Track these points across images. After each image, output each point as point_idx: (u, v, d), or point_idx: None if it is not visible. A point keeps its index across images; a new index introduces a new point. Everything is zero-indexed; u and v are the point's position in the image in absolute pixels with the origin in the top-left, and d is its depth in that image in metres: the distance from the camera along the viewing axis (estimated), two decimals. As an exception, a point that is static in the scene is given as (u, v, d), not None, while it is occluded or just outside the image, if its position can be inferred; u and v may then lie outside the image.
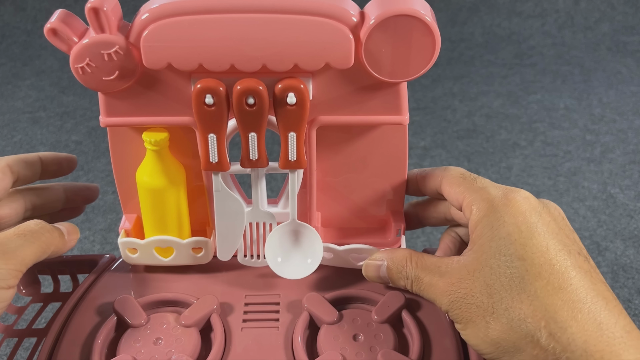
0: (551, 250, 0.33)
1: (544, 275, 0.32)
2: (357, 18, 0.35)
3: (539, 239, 0.33)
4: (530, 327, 0.31)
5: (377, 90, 0.39)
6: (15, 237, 0.38)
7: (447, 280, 0.35)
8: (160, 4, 0.35)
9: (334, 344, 0.38)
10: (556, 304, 0.31)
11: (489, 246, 0.34)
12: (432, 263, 0.37)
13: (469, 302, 0.34)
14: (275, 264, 0.42)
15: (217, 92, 0.36)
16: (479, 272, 0.34)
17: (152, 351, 0.38)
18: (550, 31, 1.72)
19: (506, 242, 0.34)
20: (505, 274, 0.33)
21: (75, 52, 0.36)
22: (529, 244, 0.33)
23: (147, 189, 0.42)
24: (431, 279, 0.36)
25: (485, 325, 0.33)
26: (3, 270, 0.35)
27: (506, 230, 0.34)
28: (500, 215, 0.35)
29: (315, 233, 0.42)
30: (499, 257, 0.33)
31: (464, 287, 0.34)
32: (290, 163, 0.39)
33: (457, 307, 0.34)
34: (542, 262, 0.32)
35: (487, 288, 0.33)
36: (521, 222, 0.34)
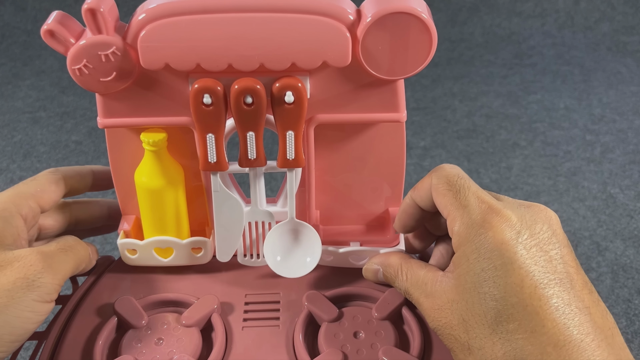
0: (525, 288, 0.31)
1: (516, 317, 0.31)
2: (354, 16, 0.35)
3: (513, 277, 0.32)
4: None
5: (375, 88, 0.39)
6: (58, 251, 0.39)
7: (431, 303, 0.35)
8: (157, 4, 0.34)
9: (334, 341, 0.39)
10: (526, 349, 0.30)
11: (464, 280, 0.33)
12: (420, 278, 0.37)
13: (449, 333, 0.34)
14: (274, 263, 0.42)
15: (215, 91, 0.36)
16: (457, 303, 0.33)
17: (153, 351, 0.38)
18: (550, 31, 1.72)
19: (480, 278, 0.32)
20: (479, 311, 0.32)
21: (72, 54, 0.36)
22: (502, 283, 0.32)
23: (145, 190, 0.42)
24: (418, 297, 0.37)
25: (464, 358, 0.33)
26: (49, 285, 0.36)
27: (480, 266, 0.33)
28: (476, 247, 0.33)
29: (314, 232, 0.42)
30: (474, 294, 0.32)
31: (444, 316, 0.34)
32: (288, 162, 0.39)
33: (440, 334, 0.35)
34: (515, 302, 0.31)
35: (464, 323, 0.33)
36: (496, 257, 0.32)
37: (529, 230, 0.33)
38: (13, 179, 1.13)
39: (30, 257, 0.36)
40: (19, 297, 0.35)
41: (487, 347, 0.31)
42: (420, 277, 0.37)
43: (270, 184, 1.04)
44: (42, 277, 0.36)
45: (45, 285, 0.36)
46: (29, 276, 0.35)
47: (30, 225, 0.40)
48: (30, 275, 0.35)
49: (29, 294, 0.35)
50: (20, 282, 0.35)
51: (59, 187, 0.43)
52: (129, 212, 0.46)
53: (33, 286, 0.35)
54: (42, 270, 0.36)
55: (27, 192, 0.41)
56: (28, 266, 0.36)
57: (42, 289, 0.36)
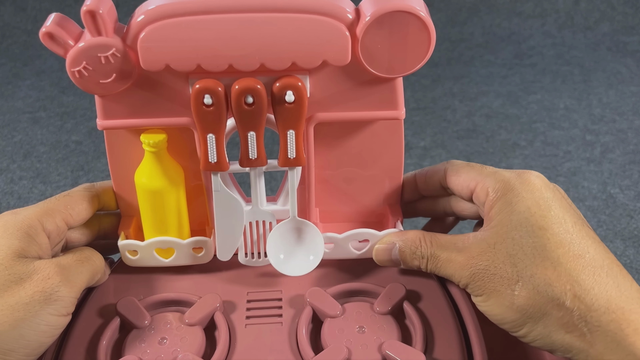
0: (568, 221, 0.35)
1: (565, 244, 0.34)
2: (353, 15, 0.35)
3: (556, 211, 0.36)
4: (556, 290, 0.33)
5: (374, 86, 0.39)
6: (75, 263, 0.39)
7: (467, 254, 0.37)
8: (156, 6, 0.34)
9: (338, 337, 0.39)
10: (578, 269, 0.33)
11: (509, 220, 0.36)
12: (447, 241, 0.39)
13: (492, 273, 0.35)
14: (278, 262, 0.42)
15: (216, 92, 0.36)
16: (500, 244, 0.36)
17: (157, 351, 0.38)
18: (550, 31, 1.72)
19: (526, 214, 0.36)
20: (527, 244, 0.35)
21: (71, 56, 0.36)
22: (548, 215, 0.36)
23: (146, 191, 0.42)
24: (449, 255, 0.38)
25: (511, 293, 0.35)
26: (66, 299, 0.36)
27: (525, 204, 0.36)
28: (518, 192, 0.37)
29: (317, 230, 0.42)
30: (520, 229, 0.35)
31: (486, 259, 0.36)
32: (289, 161, 0.39)
33: (479, 279, 0.36)
34: (561, 231, 0.35)
35: (510, 258, 0.35)
36: (538, 197, 0.36)
37: (556, 186, 0.38)
38: (13, 178, 1.13)
39: (48, 270, 0.36)
40: (36, 310, 0.35)
41: (538, 273, 0.34)
42: (447, 239, 0.39)
43: (270, 183, 1.04)
44: (60, 290, 0.36)
45: (62, 299, 0.36)
46: (46, 290, 0.35)
47: (55, 242, 0.40)
48: (48, 289, 0.35)
49: (46, 307, 0.35)
50: (38, 295, 0.35)
51: (91, 205, 0.43)
52: (129, 213, 0.46)
53: (50, 300, 0.35)
54: (59, 283, 0.36)
55: (55, 209, 0.40)
56: (46, 279, 0.36)
57: (59, 302, 0.36)
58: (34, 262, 0.37)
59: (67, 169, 1.14)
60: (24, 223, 0.38)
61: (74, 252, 0.40)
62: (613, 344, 0.32)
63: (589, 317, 0.32)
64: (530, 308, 0.34)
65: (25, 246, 0.37)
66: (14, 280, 0.35)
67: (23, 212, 0.40)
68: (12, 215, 0.39)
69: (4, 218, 0.39)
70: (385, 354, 0.37)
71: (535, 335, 0.34)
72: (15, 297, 0.34)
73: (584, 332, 0.32)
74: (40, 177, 1.13)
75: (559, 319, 0.33)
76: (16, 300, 0.34)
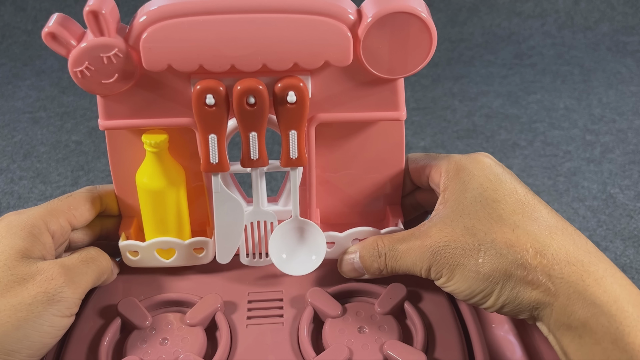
0: (519, 191, 0.37)
1: (518, 211, 0.36)
2: (355, 16, 0.35)
3: (507, 184, 0.38)
4: (518, 250, 0.34)
5: (375, 87, 0.39)
6: (80, 264, 0.39)
7: (425, 237, 0.38)
8: (158, 6, 0.35)
9: (339, 337, 0.39)
10: (535, 230, 0.35)
11: (463, 197, 0.38)
12: (404, 234, 0.39)
13: (453, 247, 0.36)
14: (280, 261, 0.42)
15: (218, 92, 0.36)
16: (457, 220, 0.37)
17: (159, 351, 0.38)
18: (550, 31, 1.72)
19: (479, 190, 0.37)
20: (483, 215, 0.36)
21: (74, 56, 0.36)
22: (499, 188, 0.37)
23: (147, 191, 0.42)
24: (407, 244, 0.39)
25: (475, 262, 0.35)
26: (70, 300, 0.36)
27: (477, 181, 0.38)
28: (470, 170, 0.39)
29: (319, 229, 0.42)
30: (475, 204, 0.37)
31: (444, 235, 0.37)
32: (291, 161, 0.40)
33: (441, 257, 0.37)
34: (514, 200, 0.37)
35: (469, 230, 0.36)
36: (489, 173, 0.38)
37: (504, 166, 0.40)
38: (13, 178, 1.13)
39: (52, 271, 0.36)
40: (39, 311, 0.34)
41: (498, 237, 0.35)
42: (404, 233, 0.40)
43: (271, 183, 1.04)
44: (63, 291, 0.36)
45: (65, 300, 0.36)
46: (49, 290, 0.35)
47: (58, 242, 0.40)
48: (51, 290, 0.35)
49: (49, 308, 0.35)
50: (41, 296, 0.35)
51: (94, 206, 0.43)
52: (130, 213, 0.46)
53: (53, 300, 0.35)
54: (62, 284, 0.36)
55: (59, 210, 0.41)
56: (49, 280, 0.36)
57: (63, 303, 0.36)
58: (37, 263, 0.36)
59: (67, 169, 1.14)
60: (28, 223, 0.38)
61: (79, 252, 0.40)
62: (575, 294, 0.33)
63: (551, 271, 0.34)
64: (496, 273, 0.35)
65: (29, 246, 0.37)
66: (17, 281, 0.35)
67: (27, 212, 0.40)
68: (16, 216, 0.39)
69: (7, 218, 0.39)
70: (387, 354, 0.37)
71: (504, 300, 0.35)
72: (18, 298, 0.34)
73: (548, 286, 0.34)
74: (40, 177, 1.13)
75: (523, 277, 0.34)
76: (19, 300, 0.34)
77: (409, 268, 0.39)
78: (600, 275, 0.33)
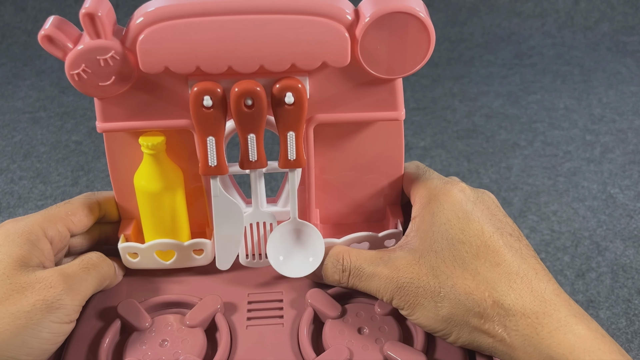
0: (486, 233, 0.37)
1: (482, 255, 0.36)
2: (352, 16, 0.35)
3: (475, 224, 0.37)
4: (476, 298, 0.35)
5: (373, 87, 0.39)
6: (81, 271, 0.39)
7: (392, 267, 0.38)
8: (155, 8, 0.34)
9: (339, 338, 0.39)
10: (495, 278, 0.35)
11: (431, 231, 0.38)
12: (372, 255, 0.40)
13: (416, 286, 0.37)
14: (277, 263, 0.42)
15: (215, 93, 0.36)
16: (424, 257, 0.37)
17: (158, 353, 0.38)
18: (550, 31, 1.72)
19: (446, 227, 0.38)
20: (448, 256, 0.37)
21: (70, 59, 0.36)
22: (466, 228, 0.37)
23: (145, 193, 0.42)
24: (374, 269, 0.39)
25: (435, 305, 0.36)
26: (69, 307, 0.37)
27: (446, 216, 0.38)
28: (440, 203, 0.39)
29: (317, 231, 0.42)
30: (442, 242, 0.37)
31: (410, 272, 0.37)
32: (289, 162, 0.39)
33: (405, 293, 0.37)
34: (479, 243, 0.37)
35: (433, 271, 0.37)
36: (458, 209, 0.38)
37: (480, 198, 0.40)
38: (13, 178, 1.13)
39: (51, 279, 0.36)
40: (38, 318, 0.35)
41: (458, 283, 0.36)
42: (372, 254, 0.40)
43: (270, 184, 1.04)
44: (62, 298, 0.36)
45: (64, 307, 0.36)
46: (48, 298, 0.35)
47: (57, 248, 0.40)
48: (49, 297, 0.36)
49: (48, 315, 0.35)
50: (40, 304, 0.35)
51: (92, 212, 0.43)
52: (129, 215, 0.46)
53: (52, 308, 0.35)
54: (62, 292, 0.36)
55: (57, 216, 0.41)
56: (48, 288, 0.36)
57: (62, 310, 0.36)
58: (36, 272, 0.37)
59: (67, 169, 1.14)
60: (25, 230, 0.38)
61: (80, 259, 0.40)
62: (531, 348, 0.33)
63: (507, 322, 0.34)
64: (454, 317, 0.36)
65: (27, 253, 0.37)
66: (16, 289, 0.35)
67: (24, 219, 0.40)
68: (14, 223, 0.39)
69: (5, 226, 0.39)
70: (387, 355, 0.37)
71: (463, 341, 0.36)
72: (17, 306, 0.35)
73: (504, 337, 0.34)
74: (40, 177, 1.13)
75: (480, 326, 0.35)
76: (17, 308, 0.34)
77: (372, 291, 0.39)
78: (554, 326, 0.33)
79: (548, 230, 0.95)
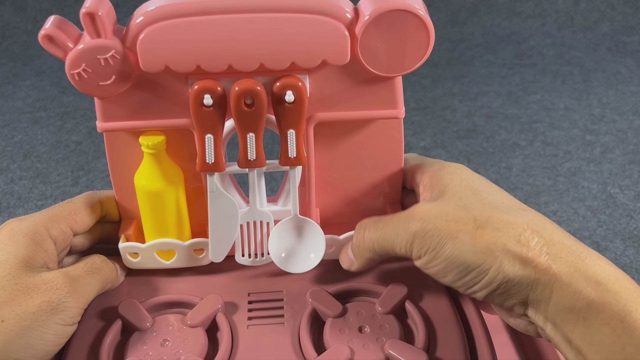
0: (504, 192, 0.38)
1: (507, 203, 0.37)
2: (352, 14, 0.35)
3: (492, 185, 0.39)
4: (516, 227, 0.34)
5: (373, 85, 0.39)
6: (85, 274, 0.39)
7: (413, 211, 0.36)
8: (155, 7, 0.34)
9: (340, 337, 0.39)
10: (528, 216, 0.35)
11: (452, 184, 0.38)
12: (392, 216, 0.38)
13: (445, 220, 0.35)
14: (279, 259, 0.42)
15: (215, 92, 0.36)
16: (447, 201, 0.37)
17: (160, 353, 0.38)
18: (550, 31, 1.72)
19: (467, 182, 0.38)
20: (474, 201, 0.37)
21: (71, 58, 0.36)
22: (486, 184, 0.38)
23: (145, 193, 0.42)
24: (392, 217, 0.37)
25: (471, 235, 0.34)
26: (73, 309, 0.37)
27: (464, 174, 0.39)
28: (454, 168, 0.40)
29: (318, 227, 0.42)
30: (465, 191, 0.37)
31: (437, 210, 0.36)
32: (290, 160, 0.39)
33: (430, 229, 0.35)
34: (502, 196, 0.37)
35: (463, 207, 0.36)
36: (472, 173, 0.39)
37: None
38: (13, 178, 1.14)
39: (57, 281, 0.36)
40: (43, 320, 0.35)
41: (494, 215, 0.35)
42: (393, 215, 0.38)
43: (271, 183, 1.04)
44: (67, 301, 0.36)
45: (69, 309, 0.36)
46: (53, 300, 0.35)
47: (60, 248, 0.40)
48: (55, 299, 0.36)
49: (52, 317, 0.35)
50: (45, 305, 0.35)
51: (94, 211, 0.43)
52: (130, 215, 0.45)
53: (57, 310, 0.35)
54: (67, 294, 0.36)
55: (60, 215, 0.41)
56: (54, 290, 0.36)
57: (66, 312, 0.36)
58: (42, 273, 0.37)
59: (67, 169, 1.14)
60: (30, 229, 0.38)
61: (84, 261, 0.40)
62: (577, 273, 0.32)
63: (550, 250, 0.33)
64: (493, 246, 0.33)
65: (32, 254, 0.37)
66: (22, 290, 0.35)
67: (28, 218, 0.40)
68: (18, 222, 0.39)
69: (9, 225, 0.39)
70: (388, 354, 0.37)
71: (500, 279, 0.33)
72: (23, 307, 0.35)
73: (549, 264, 0.33)
74: (40, 177, 1.13)
75: (522, 254, 0.33)
76: (23, 309, 0.34)
77: (388, 240, 0.36)
78: (595, 257, 0.33)
79: (548, 230, 0.95)
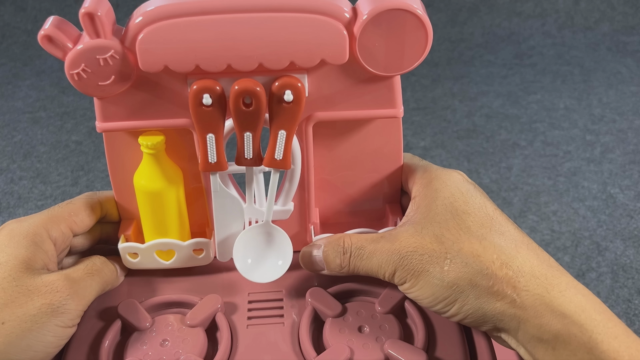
0: (488, 207, 0.38)
1: (487, 224, 0.37)
2: (350, 14, 0.35)
3: (477, 199, 0.38)
4: (484, 260, 0.35)
5: (372, 84, 0.39)
6: (85, 276, 0.39)
7: (394, 240, 0.37)
8: (154, 7, 0.34)
9: (340, 336, 0.39)
10: (502, 243, 0.36)
11: (435, 205, 0.38)
12: (373, 235, 0.39)
13: (420, 254, 0.36)
14: (244, 266, 0.42)
15: (215, 91, 0.36)
16: (427, 228, 0.37)
17: (159, 353, 0.38)
18: (550, 31, 1.72)
19: (450, 200, 0.38)
20: (453, 225, 0.37)
21: (70, 58, 0.36)
22: (469, 201, 0.38)
23: (145, 193, 0.42)
24: (375, 246, 0.38)
25: (440, 270, 0.35)
26: (74, 312, 0.37)
27: (449, 191, 0.39)
28: (442, 180, 0.39)
29: (287, 236, 0.42)
30: (445, 213, 0.37)
31: (414, 241, 0.37)
32: (275, 161, 0.39)
33: (408, 262, 0.36)
34: (483, 214, 0.37)
35: (437, 238, 0.36)
36: (461, 186, 0.39)
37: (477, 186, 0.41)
38: (13, 178, 1.14)
39: (57, 283, 0.36)
40: (43, 322, 0.35)
41: (465, 247, 0.35)
42: (373, 235, 0.39)
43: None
44: (67, 303, 0.36)
45: (69, 312, 0.36)
46: (54, 302, 0.36)
47: (60, 249, 0.40)
48: (55, 302, 0.36)
49: (53, 319, 0.35)
50: (46, 307, 0.35)
51: (94, 212, 0.43)
52: (129, 216, 0.46)
53: (57, 312, 0.36)
54: (67, 297, 0.36)
55: (60, 216, 0.41)
56: (54, 292, 0.36)
57: (66, 315, 0.36)
58: (42, 276, 0.37)
59: (67, 169, 1.14)
60: (30, 231, 0.38)
61: (85, 263, 0.40)
62: (542, 307, 0.33)
63: (517, 283, 0.34)
64: (460, 281, 0.35)
65: (32, 255, 0.37)
66: (22, 292, 0.35)
67: (28, 220, 0.40)
68: (17, 224, 0.39)
69: (9, 226, 0.39)
70: (387, 353, 0.37)
71: (467, 309, 0.35)
72: (23, 309, 0.35)
73: (514, 298, 0.34)
74: (40, 177, 1.13)
75: (489, 288, 0.34)
76: (24, 311, 0.35)
77: (373, 269, 0.38)
78: (563, 287, 0.33)
79: (548, 230, 0.95)
